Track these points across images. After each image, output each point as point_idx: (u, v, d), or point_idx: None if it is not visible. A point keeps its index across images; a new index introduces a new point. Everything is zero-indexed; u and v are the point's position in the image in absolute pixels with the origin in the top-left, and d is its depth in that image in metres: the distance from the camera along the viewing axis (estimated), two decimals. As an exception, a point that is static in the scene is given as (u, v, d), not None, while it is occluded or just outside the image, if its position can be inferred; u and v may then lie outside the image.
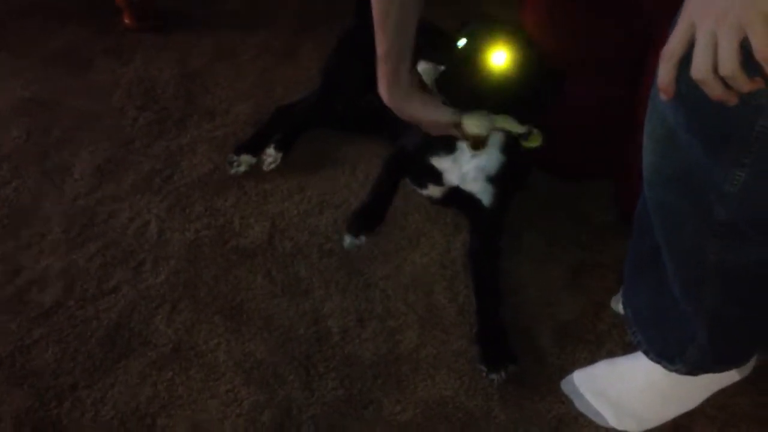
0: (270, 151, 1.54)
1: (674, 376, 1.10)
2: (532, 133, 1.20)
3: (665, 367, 1.10)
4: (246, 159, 1.54)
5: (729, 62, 0.68)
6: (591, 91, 1.33)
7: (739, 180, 0.78)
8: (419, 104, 1.21)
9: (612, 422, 1.16)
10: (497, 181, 1.30)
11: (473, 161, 1.29)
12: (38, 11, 1.99)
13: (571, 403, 1.19)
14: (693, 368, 1.08)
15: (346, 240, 1.32)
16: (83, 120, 1.67)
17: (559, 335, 1.29)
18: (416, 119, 1.24)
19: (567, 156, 1.47)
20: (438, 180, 1.34)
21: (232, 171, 1.53)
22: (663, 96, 0.76)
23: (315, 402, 1.18)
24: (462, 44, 1.15)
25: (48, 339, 1.25)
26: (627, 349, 1.22)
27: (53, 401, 1.17)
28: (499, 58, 1.12)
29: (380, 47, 1.16)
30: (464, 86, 1.13)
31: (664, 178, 0.87)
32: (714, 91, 0.71)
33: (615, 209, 1.47)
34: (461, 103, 1.17)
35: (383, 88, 1.20)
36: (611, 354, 1.24)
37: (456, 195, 1.34)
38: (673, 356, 1.08)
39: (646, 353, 1.12)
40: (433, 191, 1.38)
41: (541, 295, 1.35)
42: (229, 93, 1.74)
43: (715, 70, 0.69)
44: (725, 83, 0.70)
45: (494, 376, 1.20)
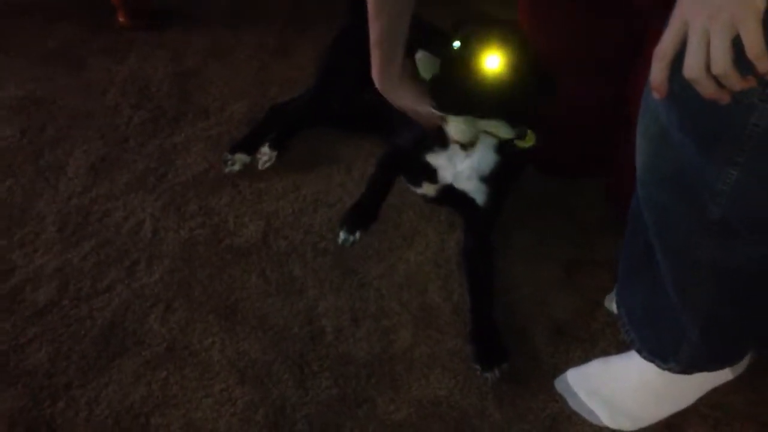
0: (265, 150, 1.54)
1: (668, 375, 1.11)
2: (526, 134, 1.20)
3: (659, 366, 1.10)
4: (240, 158, 1.54)
5: (721, 60, 0.68)
6: (589, 91, 1.33)
7: (732, 179, 0.78)
8: (409, 93, 1.23)
9: (605, 421, 1.16)
10: (491, 181, 1.30)
11: (467, 160, 1.29)
12: (33, 10, 1.98)
13: (565, 402, 1.19)
14: (686, 367, 1.08)
15: (341, 236, 1.32)
16: (77, 118, 1.67)
17: (553, 334, 1.29)
18: (405, 108, 1.26)
19: (563, 155, 1.47)
20: (432, 178, 1.34)
21: (227, 170, 1.53)
22: (656, 95, 0.76)
23: (309, 401, 1.18)
24: (457, 45, 1.15)
25: (42, 338, 1.25)
26: (621, 348, 1.22)
27: (47, 400, 1.17)
28: (493, 63, 1.11)
29: (373, 34, 1.18)
30: (455, 93, 1.13)
31: (657, 177, 0.87)
32: (706, 90, 0.71)
33: (607, 207, 1.48)
34: (451, 110, 1.17)
35: (375, 75, 1.23)
36: (605, 353, 1.24)
37: (450, 194, 1.34)
38: (667, 355, 1.08)
39: (640, 352, 1.12)
40: (428, 189, 1.38)
41: (535, 294, 1.35)
42: (224, 91, 1.74)
43: (708, 69, 0.69)
44: (718, 82, 0.70)
45: (488, 375, 1.20)
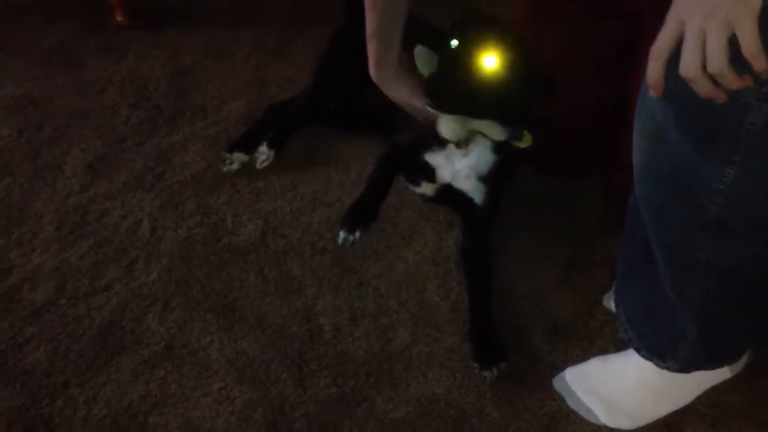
0: (263, 149, 1.54)
1: (666, 374, 1.11)
2: (519, 136, 1.20)
3: (657, 365, 1.10)
4: (239, 157, 1.53)
5: (717, 59, 0.68)
6: (589, 91, 1.33)
7: (729, 177, 0.78)
8: (405, 87, 1.24)
9: (603, 419, 1.16)
10: (489, 180, 1.30)
11: (465, 160, 1.29)
12: (30, 9, 1.98)
13: (563, 401, 1.19)
14: (684, 365, 1.08)
15: (341, 236, 1.32)
16: (75, 118, 1.66)
17: (551, 333, 1.29)
18: (400, 101, 1.27)
19: (563, 155, 1.47)
20: (431, 177, 1.34)
21: (225, 169, 1.53)
22: (652, 93, 0.76)
23: (307, 400, 1.18)
24: (455, 44, 1.14)
25: (40, 337, 1.25)
26: (619, 347, 1.23)
27: (45, 399, 1.17)
28: (490, 62, 1.11)
29: (370, 26, 1.19)
30: (451, 93, 1.13)
31: (654, 176, 0.87)
32: (702, 89, 0.71)
33: (605, 206, 1.48)
34: (446, 109, 1.17)
35: (371, 67, 1.24)
36: (603, 351, 1.24)
37: (448, 193, 1.34)
38: (665, 353, 1.08)
39: (638, 350, 1.12)
40: (426, 189, 1.38)
41: (533, 293, 1.35)
42: (222, 90, 1.74)
43: (704, 68, 0.69)
44: (714, 81, 0.70)
45: (486, 373, 1.20)
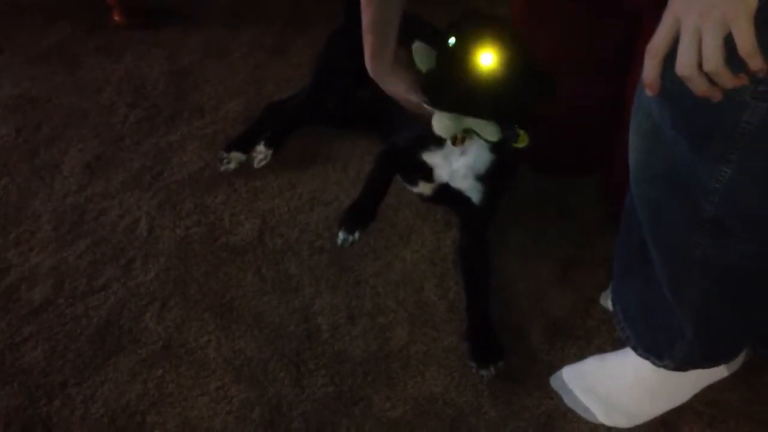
0: (260, 148, 1.54)
1: (663, 372, 1.11)
2: (514, 137, 1.20)
3: (654, 363, 1.10)
4: (236, 156, 1.54)
5: (713, 58, 0.68)
6: (588, 91, 1.32)
7: (725, 176, 0.78)
8: (401, 82, 1.23)
9: (601, 418, 1.16)
10: (486, 180, 1.30)
11: (463, 159, 1.29)
12: (28, 9, 1.98)
13: (560, 399, 1.19)
14: (681, 364, 1.08)
15: (340, 236, 1.32)
16: (73, 117, 1.66)
17: (549, 331, 1.29)
18: (396, 96, 1.27)
19: (563, 155, 1.47)
20: (429, 177, 1.34)
21: (223, 168, 1.53)
22: (648, 92, 0.76)
23: (305, 399, 1.18)
24: (452, 42, 1.14)
25: (38, 337, 1.25)
26: (616, 345, 1.23)
27: (43, 399, 1.17)
28: (487, 60, 1.11)
29: (365, 19, 1.19)
30: (448, 90, 1.12)
31: (650, 174, 0.87)
32: (698, 88, 0.71)
33: (602, 205, 1.48)
34: (442, 106, 1.16)
35: (367, 60, 1.24)
36: (601, 350, 1.25)
37: (446, 192, 1.34)
38: (662, 352, 1.08)
39: (635, 349, 1.12)
40: (424, 188, 1.38)
41: (531, 292, 1.35)
42: (220, 90, 1.74)
43: (700, 66, 0.69)
44: (710, 79, 0.70)
45: (484, 372, 1.20)
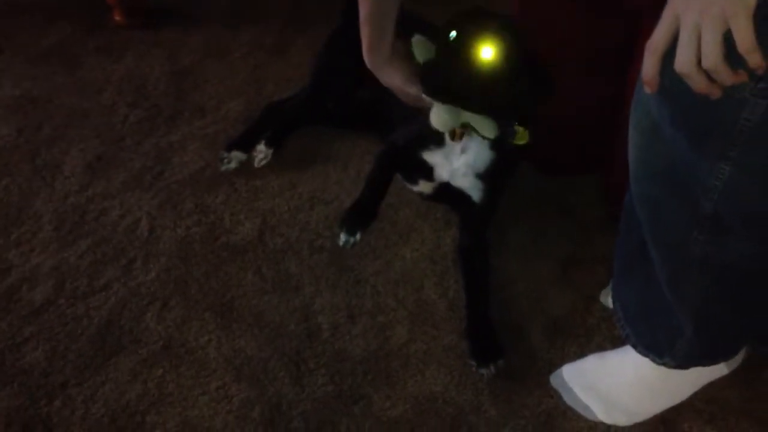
0: (261, 148, 1.54)
1: (663, 370, 1.11)
2: (512, 135, 1.20)
3: (654, 361, 1.10)
4: (237, 156, 1.54)
5: (712, 55, 0.68)
6: (588, 90, 1.32)
7: (724, 173, 0.78)
8: (399, 73, 1.24)
9: (601, 416, 1.16)
10: (487, 178, 1.29)
11: (463, 157, 1.29)
12: (28, 9, 1.98)
13: (560, 398, 1.19)
14: (681, 362, 1.08)
15: (342, 238, 1.32)
16: (74, 117, 1.67)
17: (549, 330, 1.29)
18: (394, 87, 1.27)
19: (563, 155, 1.47)
20: (429, 175, 1.34)
21: (223, 168, 1.53)
22: (647, 89, 0.76)
23: (305, 398, 1.19)
24: (453, 35, 1.14)
25: (38, 337, 1.25)
26: (616, 343, 1.23)
27: (43, 399, 1.17)
28: (487, 54, 1.10)
29: (363, 10, 1.19)
30: (445, 79, 1.12)
31: (649, 172, 0.87)
32: (698, 85, 0.71)
33: (602, 204, 1.48)
34: (438, 96, 1.15)
35: (365, 52, 1.24)
36: (601, 348, 1.25)
37: (446, 191, 1.34)
38: (662, 350, 1.08)
39: (635, 347, 1.12)
40: (424, 187, 1.38)
41: (531, 291, 1.35)
42: (220, 90, 1.74)
43: (699, 64, 0.69)
44: (709, 76, 0.70)
45: (484, 371, 1.20)
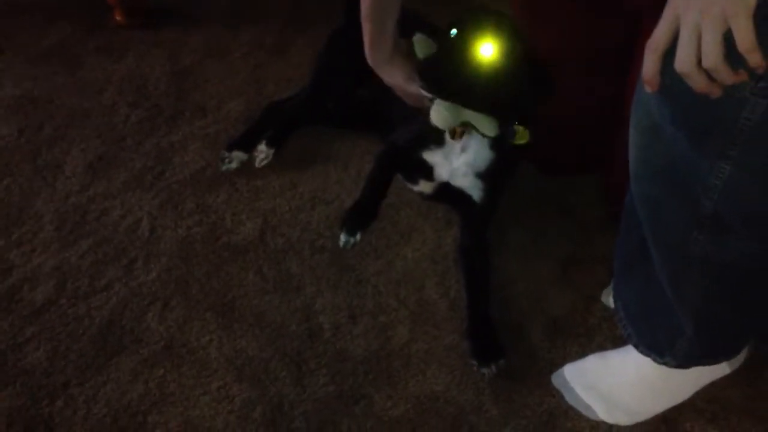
0: (261, 148, 1.54)
1: (664, 369, 1.11)
2: (512, 134, 1.20)
3: (655, 360, 1.10)
4: (237, 156, 1.54)
5: (712, 54, 0.68)
6: (588, 91, 1.32)
7: (725, 173, 0.78)
8: (400, 71, 1.24)
9: (602, 416, 1.16)
10: (487, 177, 1.29)
11: (463, 157, 1.29)
12: (29, 9, 1.98)
13: (562, 397, 1.19)
14: (682, 361, 1.08)
15: (342, 239, 1.32)
16: (75, 117, 1.67)
17: (550, 329, 1.29)
18: (394, 85, 1.28)
19: (563, 155, 1.47)
20: (429, 175, 1.34)
21: (224, 168, 1.53)
22: (648, 89, 0.76)
23: (306, 398, 1.19)
24: (453, 33, 1.14)
25: (40, 337, 1.25)
26: (617, 343, 1.23)
27: (45, 399, 1.17)
28: (487, 51, 1.11)
29: (364, 7, 1.20)
30: (444, 75, 1.12)
31: (650, 171, 0.87)
32: (698, 84, 0.71)
33: (602, 204, 1.48)
34: (437, 91, 1.14)
35: (367, 49, 1.25)
36: (602, 347, 1.25)
37: (446, 191, 1.34)
38: (663, 349, 1.08)
39: (636, 346, 1.12)
40: (424, 187, 1.38)
41: (531, 291, 1.35)
42: (221, 90, 1.74)
43: (699, 63, 0.69)
44: (709, 76, 0.70)
45: (485, 371, 1.20)
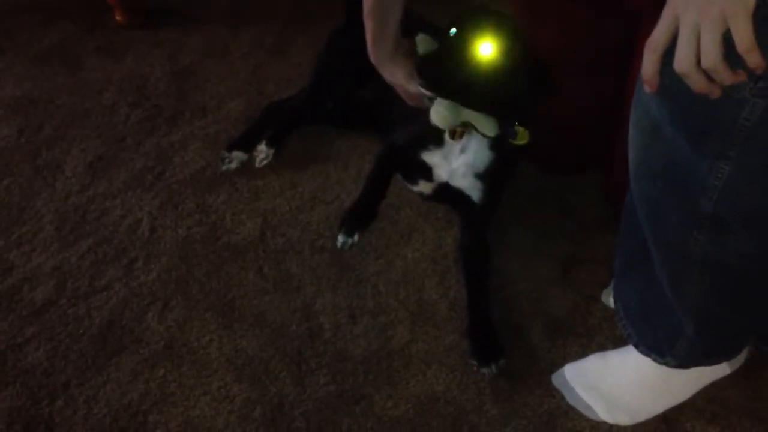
0: (261, 148, 1.54)
1: (665, 370, 1.11)
2: (513, 135, 1.20)
3: (655, 360, 1.10)
4: (237, 155, 1.54)
5: (711, 55, 0.68)
6: (589, 90, 1.32)
7: (724, 173, 0.78)
8: (401, 70, 1.24)
9: (603, 416, 1.16)
10: (486, 178, 1.29)
11: (462, 157, 1.29)
12: (30, 9, 1.99)
13: (562, 397, 1.19)
14: (683, 361, 1.08)
15: (340, 239, 1.32)
16: (75, 117, 1.67)
17: (550, 329, 1.29)
18: (395, 84, 1.28)
19: (564, 155, 1.47)
20: (428, 176, 1.34)
21: (224, 168, 1.53)
22: (647, 89, 0.76)
23: (307, 398, 1.19)
24: (453, 32, 1.14)
25: (40, 337, 1.25)
26: (618, 343, 1.23)
27: (45, 399, 1.17)
28: (486, 50, 1.10)
29: (366, 4, 1.20)
30: (443, 73, 1.12)
31: (649, 172, 0.87)
32: (697, 84, 0.71)
33: (603, 204, 1.47)
34: (436, 89, 1.14)
35: (369, 47, 1.25)
36: (602, 347, 1.25)
37: (446, 191, 1.34)
38: (663, 349, 1.08)
39: (637, 346, 1.12)
40: (424, 187, 1.38)
41: (532, 290, 1.35)
42: (221, 90, 1.74)
43: (698, 63, 0.69)
44: (708, 76, 0.70)
45: (486, 371, 1.20)
